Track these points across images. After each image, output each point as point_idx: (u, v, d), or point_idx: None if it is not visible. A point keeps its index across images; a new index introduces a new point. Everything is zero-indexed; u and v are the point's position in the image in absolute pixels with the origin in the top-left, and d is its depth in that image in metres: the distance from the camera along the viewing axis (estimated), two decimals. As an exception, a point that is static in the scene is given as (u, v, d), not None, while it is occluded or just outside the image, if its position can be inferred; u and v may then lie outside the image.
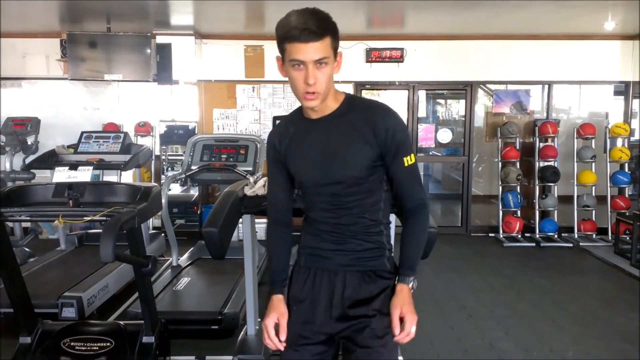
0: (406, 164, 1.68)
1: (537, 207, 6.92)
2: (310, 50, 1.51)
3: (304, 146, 1.72)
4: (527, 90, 7.25)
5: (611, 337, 3.97)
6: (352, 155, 1.65)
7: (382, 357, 1.68)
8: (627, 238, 6.10)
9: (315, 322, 1.74)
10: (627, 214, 6.31)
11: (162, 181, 6.24)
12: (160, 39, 6.64)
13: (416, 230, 1.76)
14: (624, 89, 7.16)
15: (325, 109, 1.67)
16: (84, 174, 2.74)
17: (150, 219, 5.89)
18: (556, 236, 6.84)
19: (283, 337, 1.72)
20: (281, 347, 1.71)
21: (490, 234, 7.15)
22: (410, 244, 1.75)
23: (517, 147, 6.94)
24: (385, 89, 7.41)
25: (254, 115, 7.11)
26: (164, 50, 6.62)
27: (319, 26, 1.51)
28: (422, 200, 1.75)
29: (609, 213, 6.80)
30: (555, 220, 6.89)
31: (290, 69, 1.57)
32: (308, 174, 1.73)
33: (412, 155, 1.69)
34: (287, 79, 1.62)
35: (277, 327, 1.73)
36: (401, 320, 1.65)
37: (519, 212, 6.93)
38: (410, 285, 1.72)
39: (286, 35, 1.52)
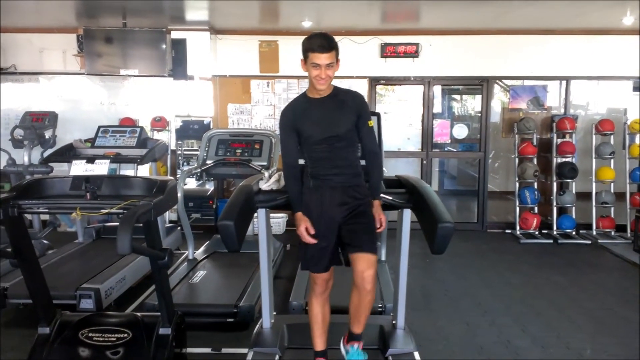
0: (369, 125, 2.74)
1: (554, 204, 6.85)
2: (324, 58, 2.55)
3: (312, 114, 2.69)
4: (545, 86, 7.15)
5: (629, 335, 3.92)
6: (342, 118, 2.69)
7: (369, 221, 2.75)
8: (646, 235, 6.01)
9: (322, 219, 2.71)
10: (647, 211, 6.21)
11: (177, 175, 6.27)
12: (175, 35, 6.67)
13: (375, 169, 2.81)
14: (644, 85, 7.04)
15: (324, 92, 2.69)
16: (101, 168, 2.78)
17: (167, 213, 5.94)
18: (574, 233, 6.77)
19: (312, 232, 2.69)
20: (314, 240, 2.69)
21: (506, 231, 7.10)
22: (374, 176, 2.81)
23: (534, 143, 6.87)
24: (400, 84, 7.36)
25: (269, 110, 7.12)
26: (179, 46, 6.65)
27: (329, 45, 2.56)
28: (375, 149, 2.82)
29: (628, 210, 6.71)
30: (573, 216, 6.82)
31: (310, 67, 2.59)
32: (314, 131, 2.67)
33: (371, 121, 2.76)
34: (302, 73, 2.73)
35: (307, 230, 2.70)
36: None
37: (536, 208, 6.87)
38: (379, 200, 2.83)
39: (310, 48, 2.56)
